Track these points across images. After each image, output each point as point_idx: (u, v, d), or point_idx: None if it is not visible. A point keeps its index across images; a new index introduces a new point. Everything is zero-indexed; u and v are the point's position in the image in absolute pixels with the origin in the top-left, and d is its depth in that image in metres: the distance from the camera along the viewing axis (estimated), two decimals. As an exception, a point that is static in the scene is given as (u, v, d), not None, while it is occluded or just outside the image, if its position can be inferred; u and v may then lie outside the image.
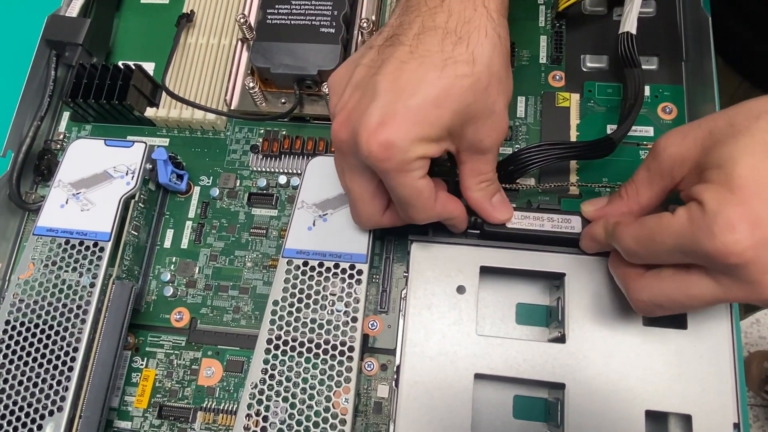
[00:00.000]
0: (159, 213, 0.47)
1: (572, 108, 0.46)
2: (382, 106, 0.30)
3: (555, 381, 0.36)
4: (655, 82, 0.46)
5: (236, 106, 0.48)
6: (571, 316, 0.37)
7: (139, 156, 0.44)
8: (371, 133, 0.29)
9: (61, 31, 0.49)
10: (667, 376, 0.35)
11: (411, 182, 0.31)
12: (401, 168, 0.30)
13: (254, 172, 0.47)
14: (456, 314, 0.37)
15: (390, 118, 0.29)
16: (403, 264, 0.43)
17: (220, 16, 0.52)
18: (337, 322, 0.38)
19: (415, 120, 0.29)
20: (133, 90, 0.47)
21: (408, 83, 0.30)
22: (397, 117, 0.29)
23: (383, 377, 0.40)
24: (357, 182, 0.34)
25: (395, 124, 0.29)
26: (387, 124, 0.29)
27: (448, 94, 0.30)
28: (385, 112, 0.30)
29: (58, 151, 0.50)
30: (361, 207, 0.36)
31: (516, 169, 0.40)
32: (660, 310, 0.31)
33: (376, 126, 0.29)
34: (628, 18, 0.42)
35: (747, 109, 0.29)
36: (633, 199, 0.34)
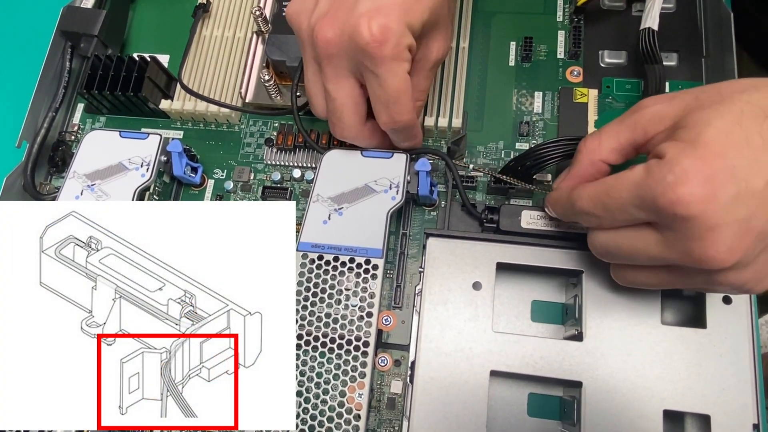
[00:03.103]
0: (173, 205, 0.47)
1: (590, 104, 0.45)
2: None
3: (572, 379, 0.35)
4: (674, 79, 0.45)
5: (251, 99, 0.47)
6: (588, 314, 0.36)
7: (154, 148, 0.44)
8: (370, 18, 0.32)
9: (76, 23, 0.49)
10: (685, 376, 0.35)
11: (402, 73, 0.33)
12: (396, 54, 0.32)
13: (268, 166, 0.47)
14: (472, 310, 0.37)
15: (382, 7, 0.32)
16: (416, 259, 0.42)
17: (236, 7, 0.51)
18: (351, 317, 0.38)
19: (401, 9, 0.32)
20: (148, 82, 0.47)
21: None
22: (388, 6, 0.32)
23: (397, 373, 0.40)
24: (342, 86, 0.35)
25: (388, 10, 0.32)
26: (381, 11, 0.32)
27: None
28: (375, 2, 0.32)
29: (72, 142, 0.50)
30: (345, 114, 0.37)
31: (533, 165, 0.39)
32: (610, 257, 0.32)
33: (372, 12, 0.32)
34: (650, 14, 0.41)
35: (737, 82, 0.29)
36: (594, 152, 0.33)
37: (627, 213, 0.28)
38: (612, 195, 0.29)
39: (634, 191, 0.27)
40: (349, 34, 0.32)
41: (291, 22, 0.37)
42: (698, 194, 0.25)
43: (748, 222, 0.25)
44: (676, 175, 0.25)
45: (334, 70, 0.35)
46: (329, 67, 0.35)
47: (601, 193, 0.30)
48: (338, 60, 0.34)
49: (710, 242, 0.26)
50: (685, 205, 0.25)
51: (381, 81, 0.33)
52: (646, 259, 0.29)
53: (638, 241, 0.29)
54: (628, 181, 0.28)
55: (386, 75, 0.33)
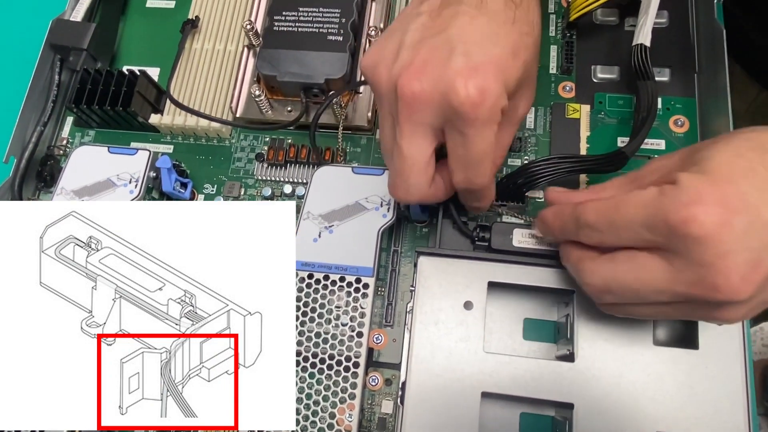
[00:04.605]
0: (162, 221, 0.46)
1: (582, 119, 0.45)
2: (466, 54, 0.29)
3: (564, 401, 0.35)
4: (666, 94, 0.45)
5: (242, 114, 0.47)
6: (580, 335, 0.36)
7: (143, 164, 0.43)
8: (467, 77, 0.28)
9: (65, 36, 0.49)
10: (678, 397, 0.34)
11: (491, 136, 0.30)
12: (490, 117, 0.29)
13: (259, 181, 0.47)
14: (463, 331, 0.37)
15: (480, 65, 0.29)
16: (408, 276, 0.42)
17: (226, 22, 0.51)
18: (342, 336, 0.38)
19: (499, 68, 0.29)
20: (137, 96, 0.46)
21: (484, 35, 0.30)
22: (486, 64, 0.29)
23: (388, 392, 0.40)
24: (417, 144, 0.31)
25: (486, 70, 0.29)
26: (479, 70, 0.29)
27: (520, 47, 0.31)
28: (471, 59, 0.29)
29: (61, 156, 0.50)
30: (413, 174, 0.32)
31: (525, 182, 0.39)
32: (611, 296, 0.30)
33: (470, 71, 0.28)
34: (642, 29, 0.41)
35: (735, 130, 0.29)
36: (595, 190, 0.33)
37: (633, 231, 0.27)
38: (620, 211, 0.28)
39: (644, 209, 0.27)
40: (442, 92, 0.29)
41: (366, 73, 0.33)
42: (712, 217, 0.24)
43: (759, 254, 0.25)
44: (690, 195, 0.25)
45: (413, 127, 0.31)
46: (408, 123, 0.31)
47: (609, 208, 0.29)
48: (421, 116, 0.30)
49: (723, 269, 0.25)
50: (700, 225, 0.24)
51: (467, 142, 0.30)
52: (651, 292, 0.28)
53: (644, 270, 0.28)
54: (639, 198, 0.27)
55: (475, 137, 0.30)
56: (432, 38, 0.30)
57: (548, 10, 0.49)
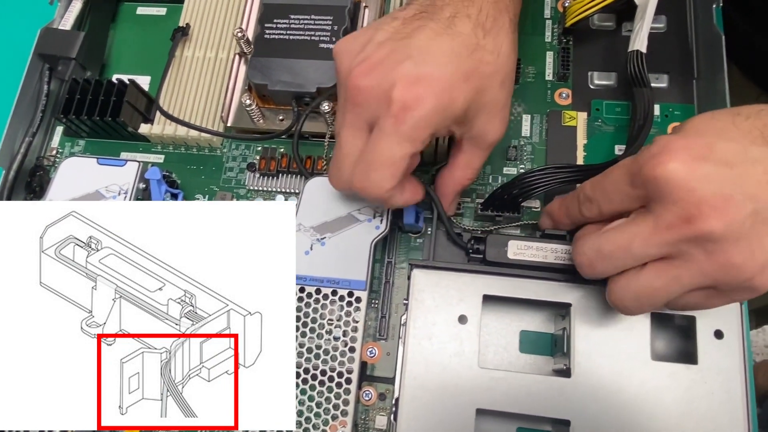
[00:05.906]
0: (153, 232, 0.46)
1: (579, 127, 0.44)
2: (418, 65, 0.31)
3: (560, 417, 0.34)
4: (664, 101, 0.44)
5: (233, 122, 0.46)
6: (576, 350, 0.35)
7: (132, 175, 0.42)
8: (408, 83, 0.30)
9: (54, 45, 0.48)
10: (676, 414, 0.34)
11: (400, 148, 0.31)
12: (414, 128, 0.31)
13: (251, 191, 0.46)
14: (457, 345, 0.36)
15: (425, 76, 0.30)
16: (402, 289, 0.41)
17: (217, 29, 0.50)
18: (334, 351, 0.37)
19: (445, 87, 0.31)
20: (127, 106, 0.46)
21: (442, 53, 0.31)
22: (432, 78, 0.30)
23: (382, 407, 0.39)
24: (354, 137, 0.33)
25: (429, 83, 0.30)
26: (422, 81, 0.30)
27: (474, 73, 0.32)
28: (421, 70, 0.30)
29: (50, 167, 0.49)
30: (345, 165, 0.34)
31: (520, 193, 0.38)
32: (604, 261, 0.31)
33: (414, 79, 0.30)
34: (638, 35, 0.40)
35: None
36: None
37: (620, 191, 0.30)
38: (608, 175, 0.31)
39: (625, 168, 0.30)
40: (383, 90, 0.31)
41: (335, 58, 0.35)
42: (678, 159, 0.27)
43: (730, 190, 0.26)
44: (659, 147, 0.28)
45: (353, 119, 0.33)
46: (350, 114, 0.33)
47: (600, 176, 0.32)
48: (360, 109, 0.32)
49: (693, 200, 0.26)
50: (665, 167, 0.27)
51: (375, 139, 0.32)
52: (640, 245, 0.29)
53: (631, 226, 0.29)
54: (623, 162, 0.30)
55: (384, 139, 0.31)
56: (395, 42, 0.32)
57: (544, 16, 0.48)
